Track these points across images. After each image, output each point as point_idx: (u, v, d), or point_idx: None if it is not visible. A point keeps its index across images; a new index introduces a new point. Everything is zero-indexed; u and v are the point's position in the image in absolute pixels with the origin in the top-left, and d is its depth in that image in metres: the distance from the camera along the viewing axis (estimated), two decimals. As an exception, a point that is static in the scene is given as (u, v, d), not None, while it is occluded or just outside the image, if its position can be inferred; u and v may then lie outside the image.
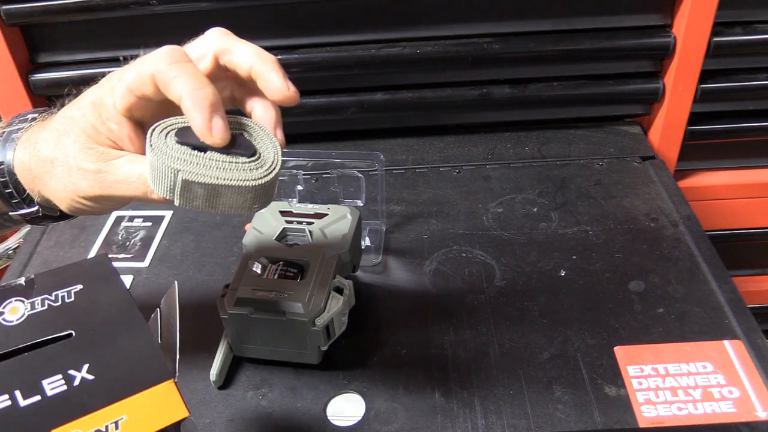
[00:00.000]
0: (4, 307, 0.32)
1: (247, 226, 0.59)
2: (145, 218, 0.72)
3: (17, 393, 0.29)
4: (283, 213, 0.59)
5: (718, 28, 0.73)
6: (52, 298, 0.33)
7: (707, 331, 0.54)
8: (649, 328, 0.55)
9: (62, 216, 0.45)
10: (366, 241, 0.65)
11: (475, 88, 0.78)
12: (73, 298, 0.33)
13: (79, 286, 0.34)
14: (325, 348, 0.52)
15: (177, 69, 0.36)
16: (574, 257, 0.63)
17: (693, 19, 0.71)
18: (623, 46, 0.75)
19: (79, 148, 0.39)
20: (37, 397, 0.29)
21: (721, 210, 0.87)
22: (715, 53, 0.74)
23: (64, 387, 0.29)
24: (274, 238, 0.56)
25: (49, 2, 0.70)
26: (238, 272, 0.54)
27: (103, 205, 0.41)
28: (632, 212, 0.68)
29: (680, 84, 0.76)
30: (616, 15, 0.75)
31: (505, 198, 0.72)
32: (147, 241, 0.68)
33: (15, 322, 0.32)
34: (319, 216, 0.58)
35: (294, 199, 0.64)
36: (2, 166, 0.42)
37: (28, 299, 0.33)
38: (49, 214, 0.44)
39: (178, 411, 0.29)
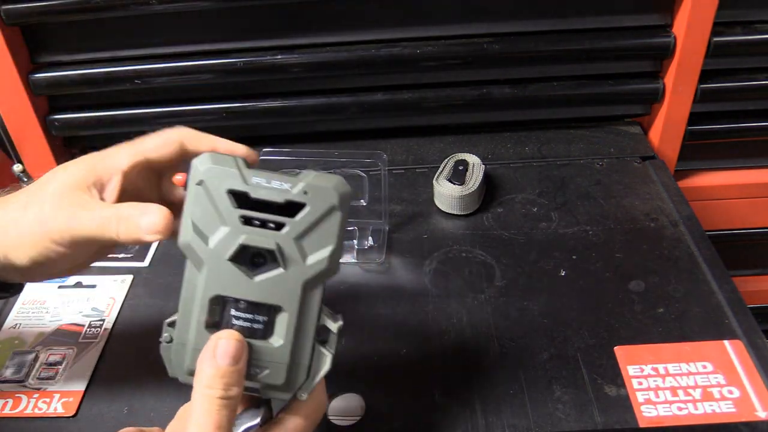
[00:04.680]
0: None
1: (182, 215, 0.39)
2: (145, 218, 0.71)
3: None
4: (237, 199, 0.38)
5: (718, 28, 0.73)
6: None
7: (707, 331, 0.54)
8: (649, 328, 0.55)
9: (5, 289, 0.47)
10: (369, 241, 0.65)
11: (475, 88, 0.78)
12: None
13: None
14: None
15: (199, 134, 0.46)
16: (574, 257, 0.63)
17: (693, 19, 0.71)
18: (623, 46, 0.75)
19: (61, 191, 0.41)
20: None
21: (721, 210, 0.87)
22: (715, 53, 0.74)
23: None
24: (228, 257, 0.37)
25: (49, 2, 0.70)
26: (183, 314, 0.39)
27: (68, 251, 0.41)
28: (632, 212, 0.68)
29: (680, 84, 0.76)
30: (616, 15, 0.75)
31: (505, 198, 0.72)
32: (147, 241, 0.68)
33: None
34: (292, 208, 0.38)
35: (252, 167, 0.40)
36: None
37: None
38: None
39: None
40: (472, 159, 0.73)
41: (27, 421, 0.51)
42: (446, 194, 0.68)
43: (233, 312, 0.38)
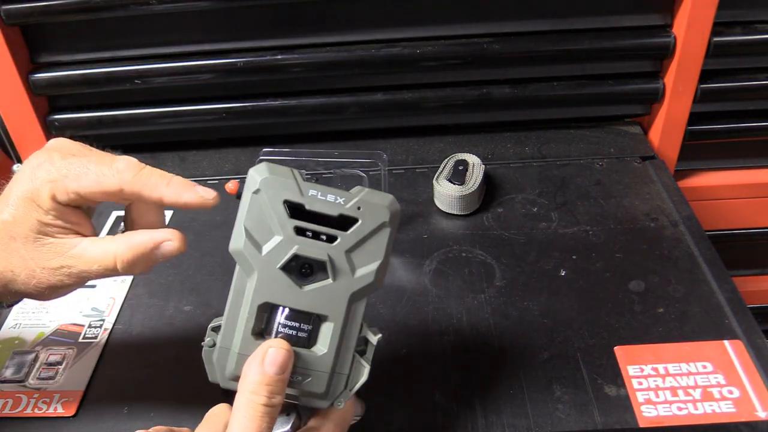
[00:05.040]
0: None
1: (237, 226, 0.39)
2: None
3: None
4: (292, 209, 0.39)
5: (718, 28, 0.73)
6: None
7: (707, 331, 0.54)
8: (649, 328, 0.55)
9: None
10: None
11: (475, 88, 0.78)
12: None
13: None
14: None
15: (142, 179, 0.39)
16: (574, 257, 0.63)
17: (693, 19, 0.71)
18: (623, 46, 0.75)
19: (33, 248, 0.40)
20: None
21: (721, 210, 0.87)
22: (715, 53, 0.74)
23: None
24: (280, 265, 0.39)
25: (49, 2, 0.70)
26: (229, 319, 0.39)
27: (78, 286, 0.42)
28: (632, 212, 0.68)
29: (680, 84, 0.76)
30: (616, 15, 0.75)
31: (505, 198, 0.72)
32: (147, 241, 0.68)
33: None
34: (345, 222, 0.39)
35: (304, 175, 0.42)
36: None
37: None
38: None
39: None
40: (472, 159, 0.73)
41: (27, 421, 0.51)
42: (446, 194, 0.68)
43: (279, 320, 0.39)
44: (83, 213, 0.42)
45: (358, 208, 0.39)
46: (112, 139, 0.83)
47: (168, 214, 0.72)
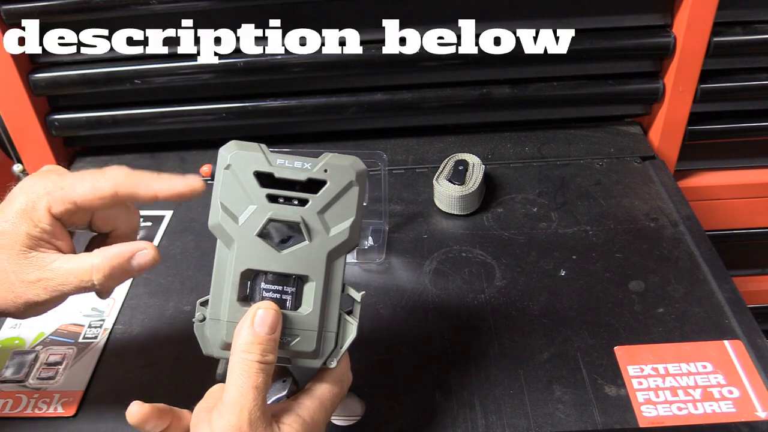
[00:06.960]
0: None
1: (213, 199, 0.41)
2: (145, 218, 0.71)
3: None
4: (262, 179, 0.41)
5: (718, 28, 0.73)
6: None
7: (707, 331, 0.54)
8: (649, 328, 0.55)
9: None
10: (369, 241, 0.65)
11: (475, 88, 0.78)
12: None
13: None
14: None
15: (134, 178, 0.42)
16: (574, 257, 0.63)
17: (693, 19, 0.71)
18: (623, 46, 0.75)
19: (16, 260, 0.41)
20: None
21: (721, 210, 0.87)
22: (715, 53, 0.74)
23: None
24: (257, 232, 0.41)
25: (49, 2, 0.70)
26: (215, 291, 0.41)
27: (55, 303, 0.43)
28: (632, 212, 0.68)
29: (680, 84, 0.76)
30: (616, 15, 0.75)
31: (505, 198, 0.72)
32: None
33: None
34: (314, 185, 0.41)
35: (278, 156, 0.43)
36: None
37: None
38: None
39: None
40: (472, 159, 0.73)
41: (27, 421, 0.51)
42: (446, 194, 0.68)
43: (263, 285, 0.41)
44: (68, 233, 0.43)
45: (325, 171, 0.41)
46: (112, 139, 0.83)
47: (168, 215, 0.72)
